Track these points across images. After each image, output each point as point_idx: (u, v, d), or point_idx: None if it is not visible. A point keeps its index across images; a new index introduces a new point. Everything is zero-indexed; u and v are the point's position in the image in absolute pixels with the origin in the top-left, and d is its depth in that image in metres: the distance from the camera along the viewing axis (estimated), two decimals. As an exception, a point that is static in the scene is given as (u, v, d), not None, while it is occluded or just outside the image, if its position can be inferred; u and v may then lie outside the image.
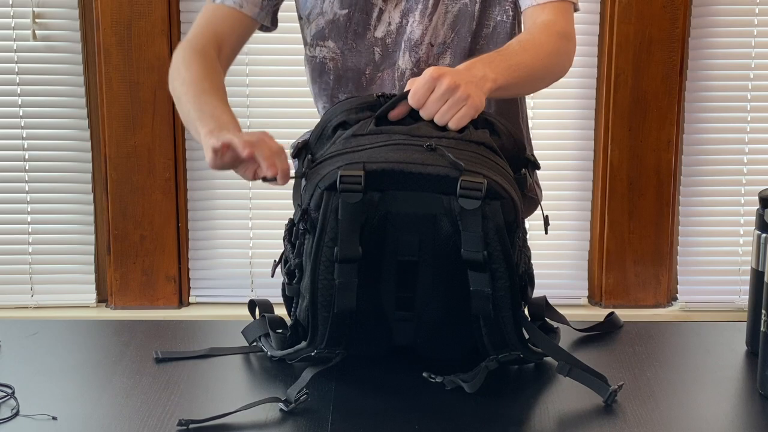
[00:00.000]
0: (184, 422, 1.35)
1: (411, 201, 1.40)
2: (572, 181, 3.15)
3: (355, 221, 1.38)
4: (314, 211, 1.40)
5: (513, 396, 1.48)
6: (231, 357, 1.58)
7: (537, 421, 1.43)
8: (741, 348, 1.62)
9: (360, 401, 1.44)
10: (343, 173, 1.37)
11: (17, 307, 3.14)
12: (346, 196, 1.37)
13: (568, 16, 1.75)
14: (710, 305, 3.19)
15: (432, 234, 1.42)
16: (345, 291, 1.41)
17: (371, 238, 1.41)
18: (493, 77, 1.54)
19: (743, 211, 3.15)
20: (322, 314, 1.43)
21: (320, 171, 1.42)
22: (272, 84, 3.08)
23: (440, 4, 1.74)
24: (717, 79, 3.11)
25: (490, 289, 1.40)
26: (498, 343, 1.46)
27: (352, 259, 1.39)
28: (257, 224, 3.14)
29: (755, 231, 1.58)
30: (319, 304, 1.42)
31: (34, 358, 1.58)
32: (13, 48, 3.04)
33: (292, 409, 1.39)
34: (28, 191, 3.11)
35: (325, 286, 1.41)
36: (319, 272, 1.40)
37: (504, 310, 1.42)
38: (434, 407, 1.43)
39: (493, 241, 1.38)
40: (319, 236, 1.39)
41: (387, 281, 1.46)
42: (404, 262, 1.45)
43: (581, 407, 1.44)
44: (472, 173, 1.38)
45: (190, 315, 3.10)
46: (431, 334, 1.51)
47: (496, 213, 1.38)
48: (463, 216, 1.37)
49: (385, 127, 1.49)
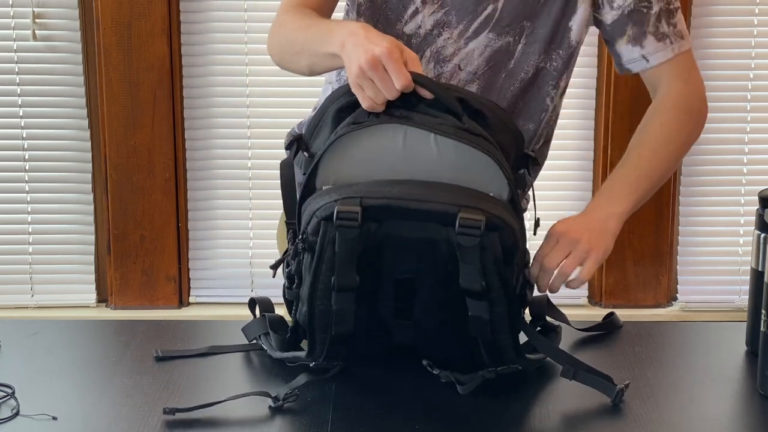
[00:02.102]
0: (168, 410, 1.36)
1: (409, 228, 1.39)
2: (572, 181, 3.15)
3: (352, 253, 1.37)
4: (312, 235, 1.39)
5: (514, 396, 1.48)
6: (231, 357, 1.58)
7: (538, 420, 1.43)
8: (741, 348, 1.62)
9: (360, 401, 1.44)
10: (340, 209, 1.35)
11: (17, 307, 3.14)
12: (343, 231, 1.36)
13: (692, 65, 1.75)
14: (710, 305, 3.18)
15: (430, 256, 1.42)
16: (342, 317, 1.41)
17: (369, 259, 1.40)
18: (617, 215, 1.61)
19: (743, 211, 3.15)
20: (320, 335, 1.44)
21: (317, 199, 1.40)
22: (272, 84, 3.08)
23: (483, 35, 1.66)
24: (717, 79, 3.10)
25: (488, 316, 1.41)
26: (496, 359, 1.47)
27: (349, 289, 1.39)
28: (257, 224, 3.14)
29: (755, 231, 1.58)
30: (317, 327, 1.43)
31: (34, 358, 1.58)
32: (13, 48, 3.04)
33: (281, 408, 1.39)
34: (28, 191, 3.11)
35: (322, 312, 1.41)
36: (317, 298, 1.41)
37: (502, 333, 1.43)
38: (434, 407, 1.43)
39: (490, 272, 1.38)
40: (317, 264, 1.39)
41: (385, 297, 1.46)
42: (402, 280, 1.45)
43: (581, 407, 1.44)
44: (470, 209, 1.36)
45: (190, 315, 3.10)
46: (431, 337, 1.50)
47: (494, 244, 1.37)
48: (461, 248, 1.37)
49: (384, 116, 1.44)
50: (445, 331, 1.50)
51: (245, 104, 3.09)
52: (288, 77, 3.03)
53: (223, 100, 3.09)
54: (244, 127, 3.10)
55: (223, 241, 3.17)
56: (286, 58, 1.65)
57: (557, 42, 1.68)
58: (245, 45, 3.06)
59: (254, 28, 3.04)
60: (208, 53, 3.06)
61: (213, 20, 3.05)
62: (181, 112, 3.06)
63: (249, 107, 3.09)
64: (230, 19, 3.06)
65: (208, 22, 3.05)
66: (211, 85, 3.08)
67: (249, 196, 3.13)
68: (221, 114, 3.10)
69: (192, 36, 3.05)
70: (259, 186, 3.13)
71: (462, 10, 1.65)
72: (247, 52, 3.05)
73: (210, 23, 3.05)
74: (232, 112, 3.09)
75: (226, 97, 3.09)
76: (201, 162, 3.11)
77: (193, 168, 3.11)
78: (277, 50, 1.67)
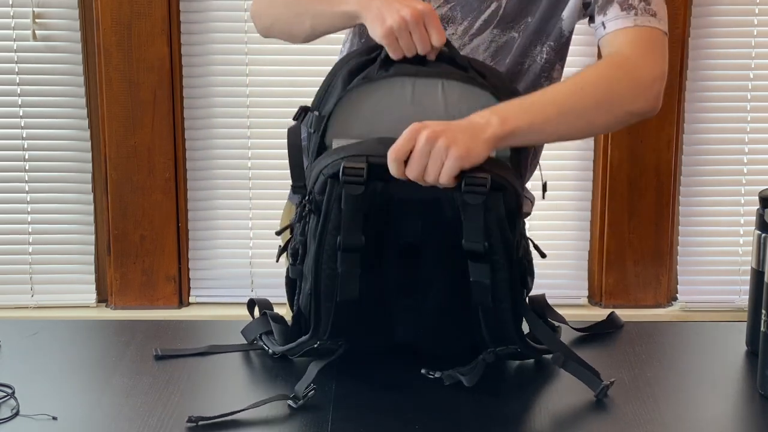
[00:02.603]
0: (194, 419, 1.36)
1: (414, 189, 1.40)
2: (572, 181, 3.15)
3: (357, 211, 1.39)
4: (318, 194, 1.42)
5: (514, 395, 1.48)
6: (231, 356, 1.58)
7: (537, 420, 1.43)
8: (741, 348, 1.62)
9: (360, 400, 1.45)
10: (346, 165, 1.38)
11: (17, 307, 3.14)
12: (348, 188, 1.38)
13: (652, 44, 1.60)
14: (710, 305, 3.18)
15: (435, 218, 1.43)
16: (347, 279, 1.42)
17: (374, 222, 1.42)
18: (498, 122, 1.40)
19: (743, 211, 3.15)
20: (325, 304, 1.44)
21: (324, 158, 1.42)
22: (272, 84, 3.08)
23: (488, 31, 1.67)
24: (717, 79, 3.10)
25: (489, 280, 1.41)
26: (496, 335, 1.47)
27: (354, 248, 1.40)
28: (257, 224, 3.14)
29: (755, 231, 1.58)
30: (322, 294, 1.44)
31: (34, 358, 1.58)
32: (13, 48, 3.04)
33: (300, 406, 1.40)
34: (28, 191, 3.11)
35: (328, 275, 1.42)
36: (323, 260, 1.42)
37: (503, 302, 1.43)
38: (434, 406, 1.43)
39: (494, 232, 1.39)
40: (323, 223, 1.41)
41: (389, 266, 1.47)
42: (407, 247, 1.46)
43: (581, 407, 1.44)
44: (475, 168, 1.38)
45: (190, 315, 3.10)
46: (432, 326, 1.51)
47: (497, 204, 1.38)
48: (465, 207, 1.38)
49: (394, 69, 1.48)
50: (446, 322, 1.50)
51: (245, 104, 3.09)
52: (288, 77, 3.05)
53: (223, 100, 3.09)
54: (244, 127, 3.10)
55: (223, 241, 3.17)
56: (281, 20, 1.69)
57: (549, 34, 1.68)
58: (245, 45, 3.05)
59: (254, 28, 3.03)
60: (208, 53, 3.06)
61: (213, 20, 3.05)
62: (181, 112, 3.06)
63: (249, 107, 3.09)
64: (230, 19, 3.06)
65: (208, 22, 3.05)
66: (211, 85, 3.08)
67: (249, 196, 3.13)
68: (221, 114, 3.10)
69: (192, 36, 3.05)
70: (259, 186, 3.12)
71: (466, 6, 1.66)
72: (247, 52, 3.05)
73: (210, 23, 3.05)
74: (232, 112, 3.09)
75: (226, 97, 3.09)
76: (201, 162, 3.11)
77: (193, 168, 3.11)
78: (270, 13, 1.70)
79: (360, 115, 1.48)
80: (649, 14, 1.60)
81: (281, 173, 2.93)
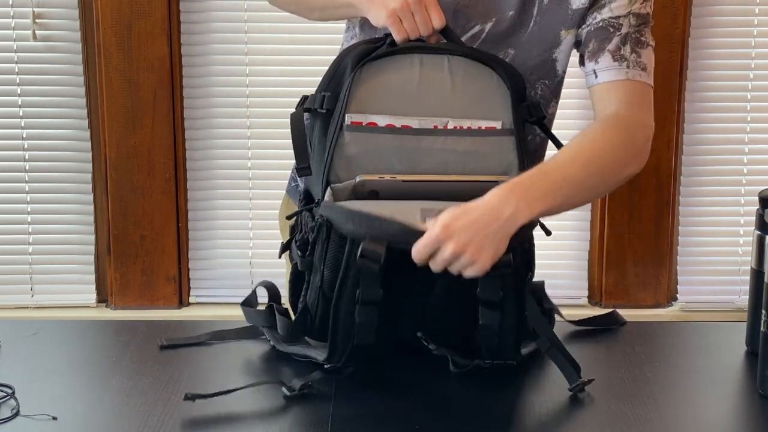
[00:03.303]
0: (190, 396, 1.37)
1: None
2: (572, 182, 3.15)
3: (376, 276, 1.41)
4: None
5: (514, 395, 1.48)
6: (232, 356, 1.59)
7: (537, 420, 1.43)
8: (741, 348, 1.62)
9: (360, 400, 1.45)
10: (366, 247, 1.39)
11: (17, 307, 3.14)
12: (365, 263, 1.39)
13: (644, 99, 1.63)
14: (710, 305, 3.18)
15: None
16: (365, 328, 1.44)
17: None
18: (526, 211, 1.42)
19: (743, 211, 3.15)
20: (341, 345, 1.46)
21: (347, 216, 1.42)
22: (272, 84, 3.08)
23: None
24: (717, 79, 3.10)
25: (497, 326, 1.44)
26: (495, 355, 1.50)
27: (373, 302, 1.42)
28: (257, 224, 3.14)
29: (755, 231, 1.58)
30: (339, 338, 1.46)
31: (34, 358, 1.58)
32: (13, 48, 3.04)
33: (294, 397, 1.41)
34: (28, 191, 3.10)
35: (346, 324, 1.44)
36: (341, 310, 1.44)
37: (507, 341, 1.47)
38: (436, 406, 1.43)
39: (508, 284, 1.43)
40: (343, 277, 1.42)
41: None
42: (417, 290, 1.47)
43: (581, 407, 1.44)
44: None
45: (190, 315, 3.10)
46: (434, 325, 1.51)
47: (516, 263, 1.42)
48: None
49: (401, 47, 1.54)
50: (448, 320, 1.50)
51: (245, 104, 3.08)
52: (288, 77, 3.05)
53: (223, 100, 3.09)
54: (244, 127, 3.10)
55: (223, 241, 3.17)
56: (291, 9, 1.76)
57: (542, 73, 1.69)
58: (245, 45, 3.05)
59: (254, 28, 3.04)
60: (208, 53, 3.06)
61: (213, 20, 3.05)
62: (181, 112, 3.06)
63: (249, 107, 3.09)
64: (230, 19, 3.05)
65: (208, 22, 3.05)
66: (211, 85, 3.08)
67: (249, 196, 3.13)
68: (221, 114, 3.09)
69: (192, 36, 3.05)
70: (259, 186, 3.12)
71: (449, 24, 1.66)
72: (247, 52, 3.05)
73: (210, 23, 3.05)
74: (232, 112, 3.09)
75: (226, 97, 3.09)
76: (201, 162, 3.11)
77: (193, 168, 3.11)
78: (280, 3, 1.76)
79: (373, 91, 1.52)
80: (640, 68, 1.62)
81: (281, 173, 2.93)
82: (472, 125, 1.51)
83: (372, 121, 1.50)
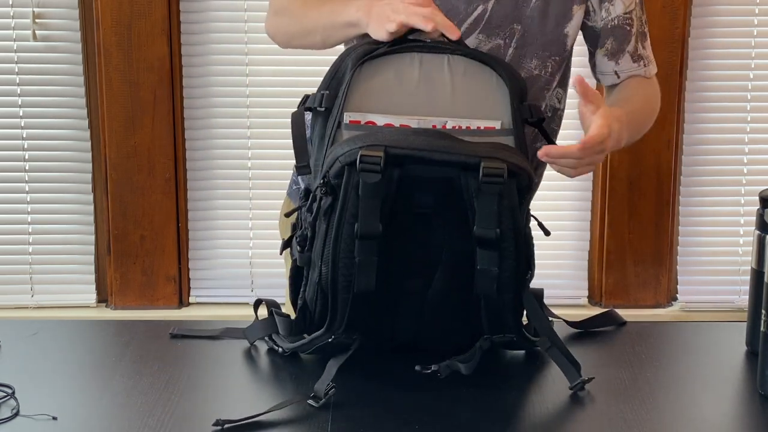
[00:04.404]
0: (220, 422, 1.36)
1: (429, 171, 1.44)
2: (572, 181, 3.15)
3: (375, 199, 1.41)
4: (333, 178, 1.43)
5: (514, 395, 1.48)
6: (232, 355, 1.59)
7: (537, 420, 1.43)
8: (741, 348, 1.62)
9: (360, 399, 1.45)
10: (363, 153, 1.40)
11: (17, 307, 3.14)
12: (365, 176, 1.40)
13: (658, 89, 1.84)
14: (710, 305, 3.18)
15: (447, 192, 1.45)
16: (365, 269, 1.43)
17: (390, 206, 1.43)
18: (625, 142, 1.63)
19: (743, 211, 3.15)
20: (342, 296, 1.45)
21: (341, 146, 1.44)
22: (272, 84, 3.08)
23: (473, 36, 1.69)
24: (717, 79, 3.10)
25: (496, 269, 1.43)
26: (495, 324, 1.49)
27: (372, 236, 1.42)
28: (257, 224, 3.14)
29: (755, 231, 1.58)
30: (340, 285, 1.44)
31: (34, 358, 1.58)
32: (13, 48, 3.04)
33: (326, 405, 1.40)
34: (28, 191, 3.11)
35: (345, 265, 1.43)
36: (340, 250, 1.43)
37: (506, 292, 1.46)
38: (434, 406, 1.43)
39: (506, 219, 1.42)
40: (340, 212, 1.42)
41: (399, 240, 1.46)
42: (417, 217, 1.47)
43: (581, 407, 1.44)
44: (491, 159, 1.42)
45: (190, 315, 3.10)
46: (433, 319, 1.51)
47: (511, 193, 1.43)
48: (479, 194, 1.41)
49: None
50: (446, 314, 1.51)
51: (245, 104, 3.09)
52: (288, 77, 3.05)
53: (223, 100, 3.09)
54: (244, 127, 3.10)
55: (223, 241, 3.17)
56: (295, 37, 1.77)
57: (553, 49, 1.72)
58: (245, 45, 3.05)
59: (254, 28, 3.04)
60: (208, 53, 3.06)
61: (213, 20, 3.05)
62: (181, 112, 3.06)
63: (249, 107, 3.09)
64: (230, 19, 3.05)
65: (208, 22, 3.05)
66: (211, 85, 3.08)
67: (249, 196, 3.13)
68: (221, 114, 3.10)
69: (192, 36, 3.05)
70: (259, 186, 3.12)
71: (452, 10, 1.67)
72: (247, 52, 3.05)
73: (210, 23, 3.05)
74: (232, 112, 3.09)
75: (226, 97, 3.09)
76: (201, 162, 3.11)
77: (193, 168, 3.11)
78: (284, 32, 1.78)
79: (373, 90, 1.52)
80: (650, 62, 1.81)
81: (281, 173, 2.94)
82: (471, 125, 1.51)
83: (370, 120, 1.50)
